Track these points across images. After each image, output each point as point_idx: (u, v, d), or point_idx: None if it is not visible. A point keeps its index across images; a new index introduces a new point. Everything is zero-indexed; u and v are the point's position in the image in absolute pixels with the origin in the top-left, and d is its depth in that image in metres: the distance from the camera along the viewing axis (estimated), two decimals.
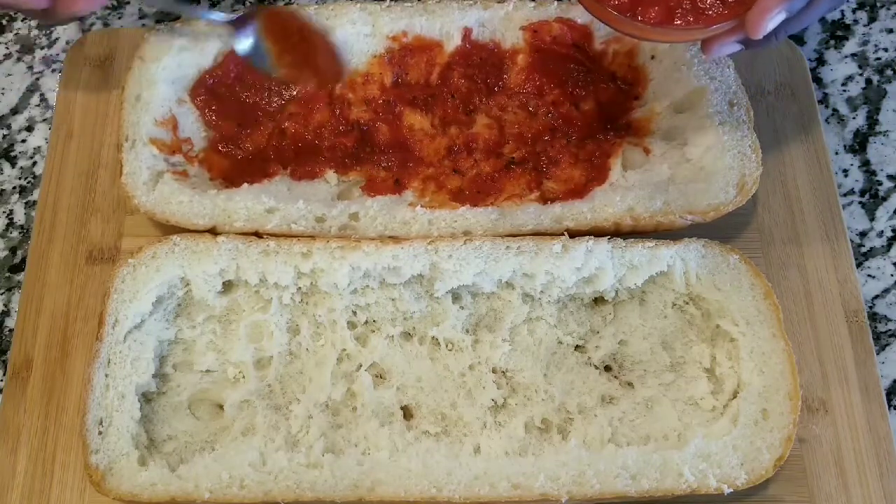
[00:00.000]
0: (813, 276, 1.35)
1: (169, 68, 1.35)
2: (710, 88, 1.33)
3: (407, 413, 1.22)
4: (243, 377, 1.24)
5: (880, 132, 1.52)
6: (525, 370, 1.24)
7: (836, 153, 1.50)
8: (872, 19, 1.62)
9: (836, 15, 1.62)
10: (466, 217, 1.27)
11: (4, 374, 1.32)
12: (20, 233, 1.45)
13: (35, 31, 1.62)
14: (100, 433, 1.15)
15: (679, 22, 1.07)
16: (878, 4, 1.63)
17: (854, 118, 1.53)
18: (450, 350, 1.25)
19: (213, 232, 1.26)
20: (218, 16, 1.34)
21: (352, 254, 1.22)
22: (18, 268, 1.42)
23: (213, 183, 1.33)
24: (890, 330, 1.38)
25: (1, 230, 1.45)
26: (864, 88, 1.56)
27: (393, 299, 1.26)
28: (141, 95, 1.33)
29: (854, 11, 1.62)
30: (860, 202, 1.47)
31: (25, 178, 1.50)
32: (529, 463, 1.15)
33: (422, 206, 1.28)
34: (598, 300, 1.30)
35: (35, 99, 1.56)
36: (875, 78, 1.56)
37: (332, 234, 1.26)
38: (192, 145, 1.36)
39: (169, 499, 1.13)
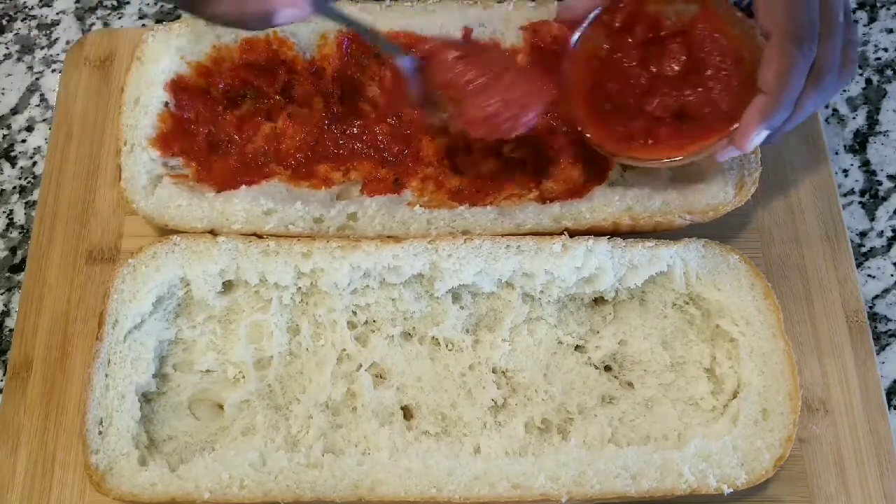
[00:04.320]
0: (813, 276, 1.35)
1: (168, 70, 1.35)
2: None
3: (407, 413, 1.22)
4: (243, 377, 1.24)
5: (880, 132, 1.52)
6: (525, 370, 1.24)
7: (836, 153, 1.50)
8: (872, 19, 1.62)
9: None
10: (465, 216, 1.27)
11: (4, 374, 1.32)
12: (20, 233, 1.45)
13: (35, 31, 1.62)
14: (100, 433, 1.15)
15: (687, 146, 1.17)
16: (878, 4, 1.63)
17: (854, 118, 1.53)
18: (450, 350, 1.25)
19: (212, 232, 1.26)
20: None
21: (352, 253, 1.22)
22: (18, 268, 1.43)
23: (211, 185, 1.33)
24: (890, 330, 1.38)
25: (1, 230, 1.45)
26: (864, 88, 1.56)
27: (393, 299, 1.26)
28: (140, 98, 1.33)
29: (854, 11, 1.62)
30: (860, 202, 1.47)
31: (25, 178, 1.50)
32: (529, 463, 1.15)
33: (420, 206, 1.28)
34: (598, 300, 1.30)
35: (35, 99, 1.56)
36: (875, 78, 1.57)
37: (331, 235, 1.26)
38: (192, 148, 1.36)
39: (169, 499, 1.13)
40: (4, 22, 1.63)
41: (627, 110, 1.21)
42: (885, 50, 1.58)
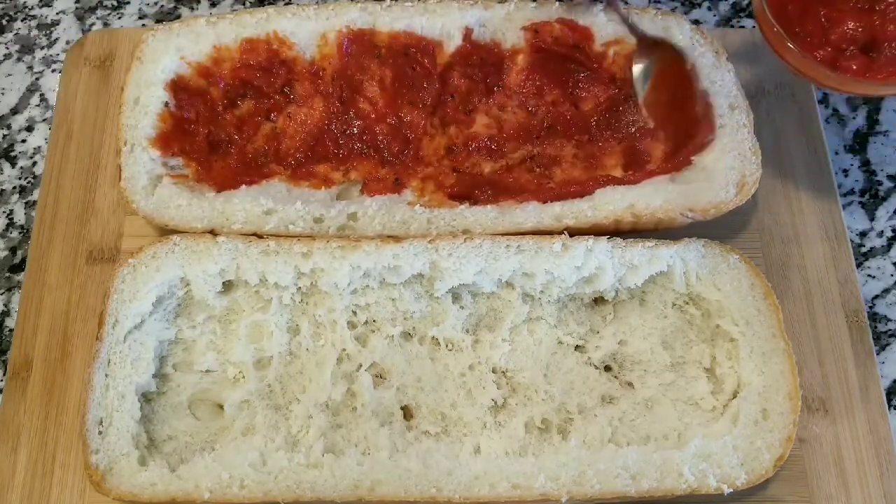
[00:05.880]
0: (813, 276, 1.35)
1: (168, 70, 1.35)
2: (710, 92, 1.33)
3: (407, 413, 1.22)
4: (243, 377, 1.24)
5: (880, 132, 1.52)
6: (525, 370, 1.24)
7: (836, 153, 1.50)
8: None
9: None
10: (465, 216, 1.27)
11: (4, 374, 1.32)
12: (20, 233, 1.45)
13: (35, 31, 1.62)
14: (100, 433, 1.15)
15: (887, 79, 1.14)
16: None
17: (854, 118, 1.53)
18: (450, 350, 1.25)
19: (213, 232, 1.26)
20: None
21: (352, 253, 1.22)
22: (18, 268, 1.43)
23: (211, 185, 1.33)
24: (890, 330, 1.38)
25: (1, 230, 1.45)
26: None
27: (393, 299, 1.26)
28: (140, 98, 1.33)
29: None
30: (860, 202, 1.47)
31: (25, 178, 1.50)
32: (529, 463, 1.15)
33: (420, 206, 1.28)
34: (598, 300, 1.30)
35: (35, 99, 1.56)
36: None
37: (331, 235, 1.26)
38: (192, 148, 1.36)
39: (169, 499, 1.12)
40: (4, 22, 1.63)
41: (811, 37, 1.17)
42: None
